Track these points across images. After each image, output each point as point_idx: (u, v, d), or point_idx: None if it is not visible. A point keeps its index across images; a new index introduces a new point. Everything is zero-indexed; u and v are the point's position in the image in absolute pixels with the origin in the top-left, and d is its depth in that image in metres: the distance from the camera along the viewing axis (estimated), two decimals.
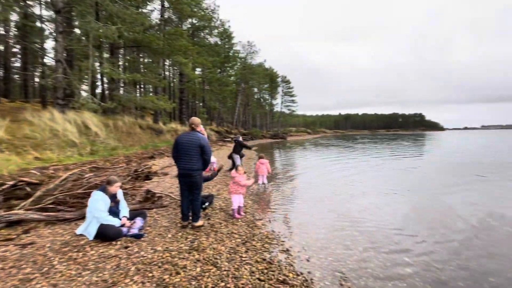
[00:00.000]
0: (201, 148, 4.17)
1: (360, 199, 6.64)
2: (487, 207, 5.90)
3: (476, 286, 2.92)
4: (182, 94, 29.18)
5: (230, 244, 3.71)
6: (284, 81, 63.11)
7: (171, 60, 22.58)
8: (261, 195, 7.08)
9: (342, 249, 3.80)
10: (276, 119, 66.87)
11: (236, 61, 45.06)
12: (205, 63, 25.08)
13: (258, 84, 53.26)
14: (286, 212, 5.53)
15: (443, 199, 6.66)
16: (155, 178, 8.22)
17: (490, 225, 4.84)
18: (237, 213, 4.93)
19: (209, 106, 39.10)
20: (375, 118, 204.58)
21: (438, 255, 3.66)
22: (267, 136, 52.65)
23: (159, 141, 18.99)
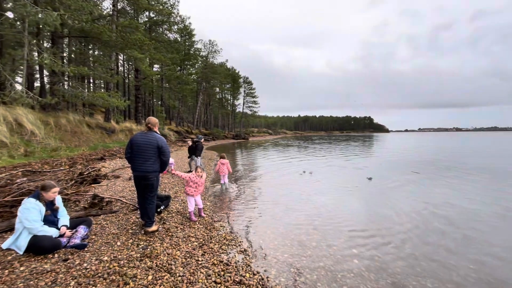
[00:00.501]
0: (159, 149, 3.97)
1: (315, 197, 6.99)
2: (423, 200, 6.70)
3: (411, 271, 3.28)
4: (138, 92, 27.37)
5: (186, 248, 3.58)
6: (246, 82, 63.49)
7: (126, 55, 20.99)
8: (221, 196, 7.00)
9: (297, 245, 3.94)
10: (238, 120, 66.86)
11: (197, 60, 43.87)
12: (163, 59, 23.87)
13: (220, 84, 52.63)
14: (245, 212, 5.55)
15: (388, 195, 7.38)
16: (105, 181, 7.55)
17: (427, 217, 5.50)
18: (193, 215, 4.78)
19: (168, 105, 37.36)
20: (330, 120, 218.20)
21: (382, 246, 4.03)
22: (229, 136, 52.39)
23: (111, 141, 17.51)
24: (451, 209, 5.87)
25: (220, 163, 7.81)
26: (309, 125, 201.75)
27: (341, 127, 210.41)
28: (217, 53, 47.08)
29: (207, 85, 47.01)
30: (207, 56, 46.48)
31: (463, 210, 5.84)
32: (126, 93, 34.55)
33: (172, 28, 33.62)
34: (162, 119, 32.09)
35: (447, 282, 3.03)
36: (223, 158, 7.89)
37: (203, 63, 46.00)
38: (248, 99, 64.90)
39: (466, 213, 5.67)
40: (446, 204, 6.29)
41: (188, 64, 41.75)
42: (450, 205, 6.18)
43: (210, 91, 49.76)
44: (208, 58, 46.61)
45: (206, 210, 5.56)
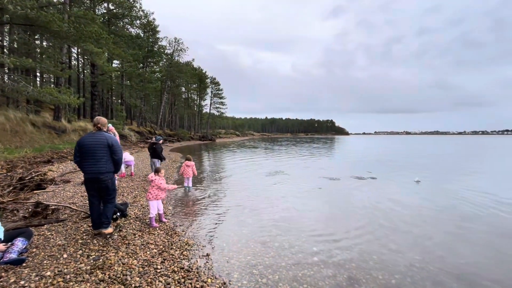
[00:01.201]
0: (110, 147, 3.79)
1: (280, 198, 7.13)
2: (377, 199, 7.24)
3: (365, 265, 3.51)
4: (94, 88, 25.29)
5: (144, 256, 3.38)
6: (214, 82, 62.53)
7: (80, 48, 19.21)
8: (184, 199, 6.77)
9: (260, 247, 3.97)
10: (205, 121, 65.50)
11: (162, 57, 42.02)
12: (124, 55, 22.40)
13: (186, 84, 51.06)
14: (209, 216, 5.44)
15: (346, 194, 7.84)
16: (52, 187, 6.81)
17: (380, 215, 5.94)
18: (154, 221, 4.54)
19: (129, 103, 35.15)
20: (296, 123, 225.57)
21: (340, 243, 4.25)
22: (195, 137, 51.09)
23: (61, 142, 15.88)
24: (400, 206, 6.43)
25: (185, 165, 7.57)
26: (276, 127, 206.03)
27: (306, 130, 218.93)
28: (183, 51, 45.63)
29: (172, 84, 45.28)
30: (172, 54, 44.79)
31: (409, 206, 6.44)
32: (81, 90, 31.68)
33: (134, 22, 31.83)
34: (122, 119, 30.07)
35: (395, 273, 3.30)
36: (189, 160, 7.68)
37: (168, 61, 44.22)
38: (216, 100, 64.02)
39: (411, 208, 6.26)
40: (395, 201, 6.89)
41: (151, 61, 39.83)
42: (399, 202, 6.77)
43: (176, 90, 48.02)
44: (173, 56, 44.93)
45: (167, 214, 5.33)
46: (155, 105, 51.58)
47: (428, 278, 3.20)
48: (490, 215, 5.80)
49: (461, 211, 6.07)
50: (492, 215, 5.80)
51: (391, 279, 3.16)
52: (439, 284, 3.07)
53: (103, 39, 15.20)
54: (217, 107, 64.51)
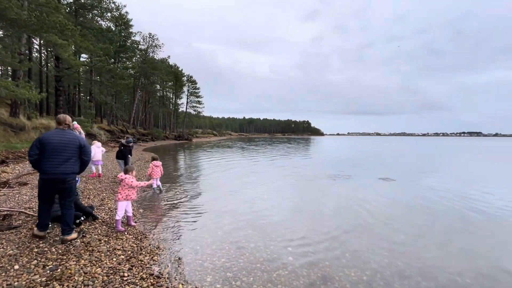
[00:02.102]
0: (81, 148, 3.63)
1: (256, 198, 7.10)
2: (349, 198, 7.48)
3: (338, 263, 3.58)
4: (59, 83, 23.49)
5: (109, 263, 3.15)
6: (190, 80, 61.04)
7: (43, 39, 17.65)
8: (154, 201, 6.48)
9: (235, 248, 3.89)
10: (181, 120, 63.74)
11: (135, 53, 40.17)
12: (92, 49, 21.05)
13: (161, 81, 49.26)
14: (182, 218, 5.25)
15: (322, 193, 8.02)
16: (5, 190, 6.16)
17: (352, 213, 6.13)
18: (121, 224, 4.27)
19: (98, 100, 33.12)
20: (274, 123, 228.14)
21: (314, 241, 4.30)
22: (171, 137, 49.57)
23: (19, 141, 14.53)
24: (370, 204, 6.70)
25: (153, 165, 7.29)
26: (254, 127, 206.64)
27: (283, 130, 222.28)
28: (158, 48, 44.10)
29: (146, 81, 43.52)
30: (146, 50, 43.08)
31: (378, 204, 6.73)
32: (44, 85, 29.27)
33: (105, 15, 30.11)
34: (91, 116, 28.29)
35: (366, 270, 3.40)
36: (156, 160, 7.43)
37: (142, 57, 42.44)
38: (192, 99, 62.57)
39: (380, 206, 6.55)
40: (366, 199, 7.16)
41: (123, 56, 37.91)
42: (369, 200, 7.05)
43: (150, 88, 46.18)
44: (147, 53, 43.24)
45: (137, 217, 5.06)
46: (127, 103, 49.19)
47: (396, 273, 3.33)
48: (451, 211, 6.23)
49: (425, 208, 6.46)
50: (452, 211, 6.24)
51: (363, 276, 3.24)
52: (406, 279, 3.20)
53: (69, 30, 14.15)
54: (194, 106, 63.14)
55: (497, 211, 6.26)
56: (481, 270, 3.47)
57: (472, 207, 6.52)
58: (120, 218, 4.25)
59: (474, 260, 3.77)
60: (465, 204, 6.79)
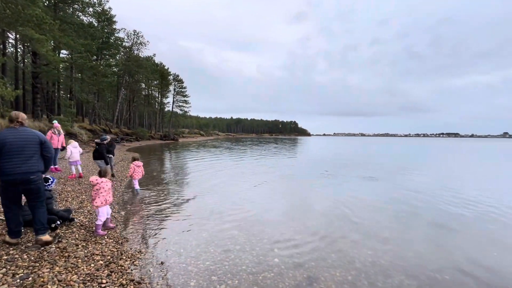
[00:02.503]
0: (42, 145, 3.47)
1: (242, 199, 7.04)
2: (334, 197, 7.57)
3: (324, 264, 3.59)
4: (36, 80, 22.38)
5: (87, 269, 2.99)
6: (177, 79, 60.00)
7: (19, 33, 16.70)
8: (136, 203, 6.27)
9: (221, 251, 3.82)
10: (167, 119, 62.49)
11: (119, 50, 39.03)
12: (73, 45, 20.21)
13: (146, 80, 48.07)
14: (165, 220, 5.10)
15: (308, 193, 8.07)
16: None
17: (337, 212, 6.19)
18: (100, 228, 4.09)
19: (80, 98, 31.83)
20: (261, 124, 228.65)
21: (300, 242, 4.30)
22: (156, 137, 48.55)
23: None
24: (354, 204, 6.81)
25: (135, 165, 7.09)
26: (241, 127, 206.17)
27: (271, 130, 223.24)
28: (143, 45, 42.99)
29: (130, 79, 42.36)
30: (131, 47, 41.90)
31: (363, 204, 6.85)
32: (20, 81, 27.80)
33: (86, 9, 29.00)
34: (71, 115, 27.18)
35: (351, 269, 3.42)
36: (138, 160, 7.23)
37: (126, 54, 41.27)
38: (179, 98, 61.52)
39: (364, 206, 6.67)
40: (351, 199, 7.27)
41: (106, 54, 36.72)
42: (354, 200, 7.17)
43: (134, 86, 44.97)
44: (132, 50, 42.07)
45: (118, 220, 4.87)
46: (111, 102, 47.62)
47: (380, 272, 3.37)
48: (431, 209, 6.43)
49: (407, 206, 6.63)
50: (432, 209, 6.44)
51: (348, 276, 3.26)
52: (389, 277, 3.25)
53: (47, 24, 13.49)
54: (180, 106, 62.13)
55: (474, 208, 6.52)
56: (459, 266, 3.58)
57: (451, 205, 6.76)
58: (101, 223, 4.06)
59: (452, 257, 3.88)
60: (445, 203, 7.03)
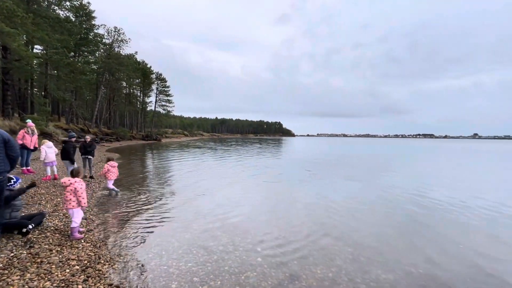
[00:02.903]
0: (6, 143, 3.32)
1: (226, 199, 7.01)
2: (316, 197, 7.72)
3: (305, 262, 3.65)
4: (7, 76, 21.03)
5: (61, 275, 2.86)
6: (160, 78, 58.65)
7: None
8: (116, 204, 6.07)
9: (203, 252, 3.79)
10: (149, 119, 60.92)
11: (98, 47, 37.56)
12: (47, 40, 19.21)
13: (127, 78, 46.59)
14: (146, 221, 4.98)
15: (290, 193, 8.17)
16: None
17: (318, 211, 6.32)
18: (77, 232, 3.93)
19: (55, 96, 30.29)
20: (246, 124, 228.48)
21: (283, 241, 4.35)
22: (138, 137, 47.22)
23: None
24: (337, 202, 6.98)
25: (110, 166, 6.89)
26: (226, 128, 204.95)
27: (255, 131, 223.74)
28: (125, 43, 41.66)
29: (110, 77, 40.90)
30: (111, 44, 40.49)
31: (343, 202, 7.05)
32: None
33: (63, 3, 27.74)
34: (46, 114, 25.80)
35: (332, 267, 3.51)
36: (112, 161, 7.04)
37: (106, 52, 39.83)
38: (162, 97, 60.15)
39: (344, 204, 6.86)
40: (331, 198, 7.46)
41: (85, 50, 35.24)
42: (334, 199, 7.35)
43: (115, 84, 43.47)
44: (112, 47, 40.66)
45: (96, 222, 4.70)
46: (89, 100, 45.81)
47: (359, 268, 3.49)
48: (407, 206, 6.72)
49: (385, 204, 6.90)
50: (408, 206, 6.74)
51: (328, 273, 3.35)
52: (367, 273, 3.37)
53: (18, 17, 12.75)
54: (163, 105, 60.80)
55: (447, 205, 6.89)
56: (432, 260, 3.77)
57: (425, 202, 7.11)
58: (77, 226, 3.90)
59: (425, 251, 4.09)
60: (420, 200, 7.38)
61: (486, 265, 3.71)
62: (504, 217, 6.01)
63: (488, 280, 3.33)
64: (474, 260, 3.87)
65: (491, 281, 3.31)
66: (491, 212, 6.42)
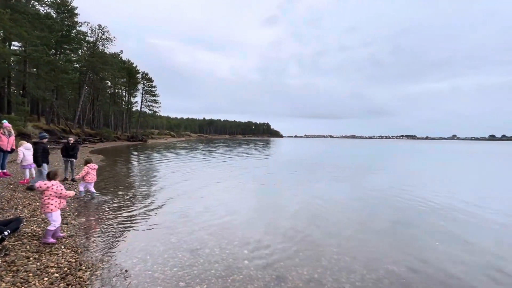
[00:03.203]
0: None
1: (211, 200, 6.95)
2: (302, 197, 7.81)
3: (292, 263, 3.68)
4: None
5: (39, 284, 2.75)
6: (146, 78, 57.45)
7: None
8: (99, 208, 5.90)
9: (189, 255, 3.74)
10: (135, 120, 59.53)
11: (81, 45, 36.38)
12: (26, 37, 18.43)
13: (112, 77, 45.34)
14: (129, 225, 4.87)
15: (276, 194, 8.22)
16: None
17: (304, 212, 6.40)
18: (50, 235, 3.79)
19: (35, 96, 29.01)
20: (234, 125, 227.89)
21: (269, 243, 4.37)
22: (123, 138, 46.04)
23: None
24: (322, 203, 7.09)
25: (89, 168, 6.69)
26: (214, 129, 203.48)
27: (244, 132, 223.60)
28: (109, 41, 40.60)
29: (94, 76, 39.68)
30: (95, 43, 39.34)
31: (330, 202, 7.17)
32: None
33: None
34: (24, 114, 24.75)
35: (317, 267, 3.56)
36: (91, 163, 6.85)
37: (90, 50, 38.64)
38: (148, 97, 58.96)
39: (331, 205, 6.98)
40: (317, 198, 7.56)
41: (67, 48, 34.03)
42: (320, 200, 7.46)
43: (99, 84, 42.19)
44: (96, 46, 39.50)
45: (77, 226, 4.54)
46: (72, 100, 44.17)
47: (344, 268, 3.56)
48: (390, 206, 6.92)
49: (369, 203, 7.07)
50: (391, 206, 6.94)
51: (314, 274, 3.39)
52: (352, 273, 3.44)
53: None
54: (150, 105, 59.63)
55: (428, 204, 7.16)
56: (412, 259, 3.91)
57: (407, 202, 7.35)
58: (54, 229, 3.76)
59: (406, 250, 4.23)
60: (401, 200, 7.62)
61: (461, 263, 3.88)
62: (479, 214, 6.31)
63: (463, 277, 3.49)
64: (453, 258, 4.04)
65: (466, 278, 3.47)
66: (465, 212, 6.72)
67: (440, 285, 3.24)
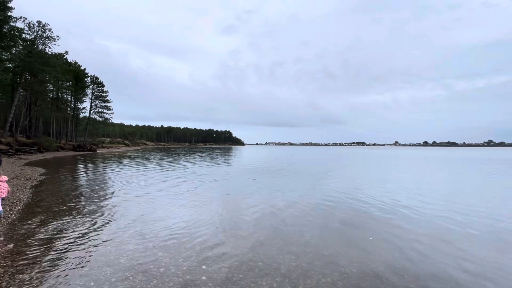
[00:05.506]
0: None
1: (165, 214, 6.60)
2: (263, 205, 7.89)
3: (251, 274, 3.65)
4: None
5: None
6: (96, 82, 52.84)
7: None
8: (31, 231, 5.13)
9: (142, 275, 3.45)
10: (82, 127, 54.00)
11: (16, 42, 32.05)
12: None
13: (55, 80, 40.65)
14: (69, 248, 4.32)
15: (235, 202, 8.15)
16: None
17: (264, 220, 6.45)
18: None
19: None
20: (194, 133, 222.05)
21: (228, 254, 4.28)
22: (68, 147, 41.37)
23: None
24: (280, 210, 7.24)
25: None
26: (173, 137, 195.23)
27: (204, 140, 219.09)
28: (52, 40, 36.53)
29: (32, 79, 35.16)
30: (34, 41, 35.03)
31: (288, 209, 7.36)
32: None
33: None
34: None
35: (276, 276, 3.59)
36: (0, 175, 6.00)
37: (27, 49, 34.25)
38: (98, 103, 54.18)
39: (289, 211, 7.17)
40: (277, 205, 7.72)
41: None
42: (280, 206, 7.63)
43: (38, 87, 37.46)
44: (35, 44, 35.21)
45: (3, 254, 3.87)
46: (3, 104, 38.34)
47: (301, 274, 3.65)
48: (343, 209, 7.38)
49: (325, 208, 7.44)
50: (345, 209, 7.41)
51: (273, 283, 3.40)
52: (309, 278, 3.55)
53: None
54: (100, 112, 54.83)
55: (381, 207, 7.81)
56: (364, 261, 4.19)
57: (361, 205, 7.92)
58: None
59: (358, 252, 4.53)
60: (356, 203, 8.20)
61: (416, 261, 4.29)
62: (428, 211, 7.10)
63: (421, 273, 3.85)
64: (403, 256, 4.44)
65: (423, 273, 3.84)
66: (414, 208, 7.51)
67: (386, 282, 3.52)
